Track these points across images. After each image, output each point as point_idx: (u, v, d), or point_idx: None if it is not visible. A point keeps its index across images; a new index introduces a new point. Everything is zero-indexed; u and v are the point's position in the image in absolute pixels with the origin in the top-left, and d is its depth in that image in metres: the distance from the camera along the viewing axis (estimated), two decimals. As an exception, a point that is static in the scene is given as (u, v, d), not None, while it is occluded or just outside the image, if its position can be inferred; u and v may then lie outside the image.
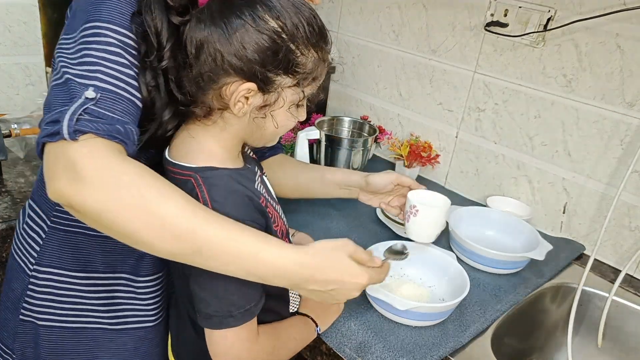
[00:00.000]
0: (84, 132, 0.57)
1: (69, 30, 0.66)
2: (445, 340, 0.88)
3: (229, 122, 0.71)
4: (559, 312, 1.13)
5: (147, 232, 0.59)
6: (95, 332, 0.83)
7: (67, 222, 0.78)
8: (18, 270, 0.82)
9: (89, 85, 0.60)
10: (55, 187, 0.57)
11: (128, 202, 0.58)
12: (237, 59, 0.65)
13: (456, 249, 1.12)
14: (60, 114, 0.58)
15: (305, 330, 0.84)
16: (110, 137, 0.59)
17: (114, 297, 0.83)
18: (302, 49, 0.68)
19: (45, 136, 0.58)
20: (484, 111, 1.35)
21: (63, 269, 0.80)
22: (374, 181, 1.01)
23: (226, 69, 0.66)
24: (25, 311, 0.81)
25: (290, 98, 0.71)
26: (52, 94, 0.62)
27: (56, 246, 0.79)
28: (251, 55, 0.65)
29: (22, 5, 1.46)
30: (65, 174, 0.57)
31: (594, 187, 1.20)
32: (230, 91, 0.67)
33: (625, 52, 1.09)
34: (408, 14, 1.47)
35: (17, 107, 1.50)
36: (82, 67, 0.61)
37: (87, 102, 0.59)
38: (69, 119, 0.57)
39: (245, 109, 0.69)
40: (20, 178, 1.21)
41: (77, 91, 0.60)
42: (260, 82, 0.67)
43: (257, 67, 0.66)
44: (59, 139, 0.57)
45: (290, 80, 0.69)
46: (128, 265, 0.83)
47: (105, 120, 0.59)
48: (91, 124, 0.58)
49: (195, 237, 0.60)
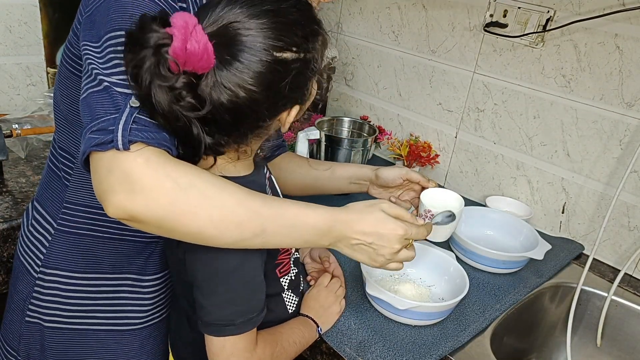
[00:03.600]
0: (136, 142, 0.57)
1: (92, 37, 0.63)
2: (445, 339, 0.88)
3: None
4: (558, 312, 1.14)
5: (213, 227, 0.61)
6: (101, 333, 0.83)
7: (75, 224, 0.79)
8: (24, 272, 0.82)
9: (130, 95, 0.59)
10: (115, 202, 0.57)
11: (191, 203, 0.59)
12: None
13: (456, 249, 1.12)
14: (108, 122, 0.57)
15: (307, 333, 0.84)
16: (159, 144, 0.59)
17: (119, 297, 0.83)
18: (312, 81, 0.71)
19: (94, 145, 0.56)
20: (484, 111, 1.36)
21: (70, 271, 0.80)
22: (384, 175, 1.02)
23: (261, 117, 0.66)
24: (32, 313, 0.81)
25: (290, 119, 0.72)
26: (94, 101, 0.60)
27: (63, 248, 0.79)
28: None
29: (23, 6, 1.46)
30: (122, 187, 0.56)
31: (593, 187, 1.20)
32: (284, 117, 0.69)
33: (624, 53, 1.09)
34: (408, 14, 1.47)
35: (18, 107, 1.50)
36: (118, 77, 0.60)
37: (134, 111, 0.58)
38: (122, 128, 0.56)
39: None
40: (21, 178, 1.21)
41: (119, 100, 0.58)
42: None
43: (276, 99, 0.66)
44: (111, 148, 0.56)
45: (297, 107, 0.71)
46: (135, 266, 0.83)
47: (151, 129, 0.59)
48: (141, 133, 0.57)
49: (257, 221, 0.63)
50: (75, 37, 0.71)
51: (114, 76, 0.60)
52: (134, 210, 0.57)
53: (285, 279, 0.84)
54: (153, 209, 0.57)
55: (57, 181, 0.80)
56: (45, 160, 0.86)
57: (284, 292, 0.84)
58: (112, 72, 0.60)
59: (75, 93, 0.74)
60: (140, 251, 0.83)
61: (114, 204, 0.57)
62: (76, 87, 0.73)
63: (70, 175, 0.78)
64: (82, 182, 0.78)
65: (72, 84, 0.74)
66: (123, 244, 0.81)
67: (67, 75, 0.75)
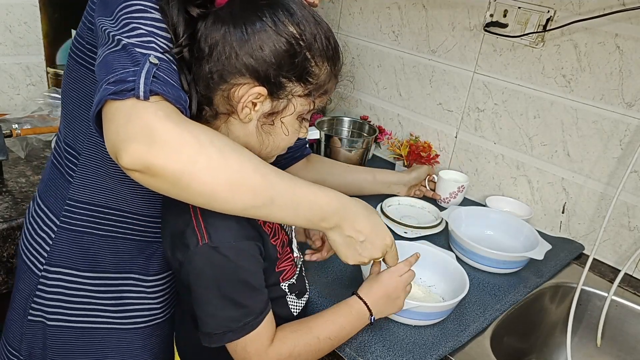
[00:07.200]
0: (157, 93, 0.56)
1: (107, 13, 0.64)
2: (445, 339, 0.88)
3: (233, 129, 0.70)
4: (558, 312, 1.14)
5: (228, 189, 0.60)
6: (104, 332, 0.83)
7: (77, 221, 0.79)
8: (26, 270, 0.82)
9: (149, 54, 0.59)
10: (132, 152, 0.54)
11: (211, 161, 0.58)
12: (253, 59, 0.64)
13: (456, 249, 1.12)
14: (127, 74, 0.56)
15: (354, 323, 0.80)
16: (176, 101, 0.59)
17: (123, 297, 0.83)
18: (317, 60, 0.68)
19: (112, 93, 0.55)
20: (484, 111, 1.36)
21: (73, 269, 0.79)
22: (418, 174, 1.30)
23: (239, 69, 0.65)
24: (34, 311, 0.80)
25: (299, 108, 0.70)
26: (111, 58, 0.59)
27: (66, 246, 0.79)
28: (268, 56, 0.64)
29: (22, 5, 1.46)
30: (142, 137, 0.54)
31: (593, 187, 1.20)
32: (239, 94, 0.66)
33: (624, 53, 1.09)
34: (408, 14, 1.47)
35: (18, 107, 1.50)
36: (137, 39, 0.60)
37: (153, 67, 0.57)
38: (145, 77, 0.55)
39: (251, 115, 0.68)
40: (21, 178, 1.21)
41: (139, 56, 0.58)
42: (272, 86, 0.66)
43: (272, 69, 0.65)
44: (131, 96, 0.55)
45: (301, 89, 0.69)
46: (137, 265, 0.83)
47: (169, 86, 0.58)
48: (162, 87, 0.57)
49: (269, 190, 0.63)
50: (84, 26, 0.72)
51: (132, 38, 0.60)
52: (153, 162, 0.55)
53: (285, 284, 0.83)
54: (173, 162, 0.56)
55: (60, 178, 0.80)
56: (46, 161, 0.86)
57: (287, 296, 0.83)
58: (131, 35, 0.60)
59: (82, 86, 0.74)
60: (142, 250, 0.83)
61: (132, 154, 0.54)
62: (83, 80, 0.74)
63: (74, 172, 0.78)
64: (85, 179, 0.77)
65: (79, 77, 0.74)
66: (125, 242, 0.81)
67: (75, 67, 0.75)
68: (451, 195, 1.31)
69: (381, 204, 1.24)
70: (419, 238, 1.14)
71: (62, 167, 0.80)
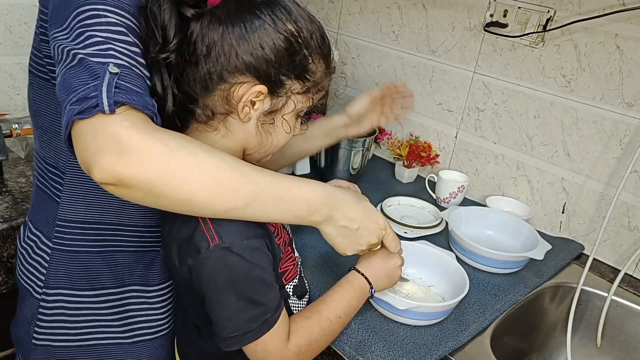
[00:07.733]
0: (122, 104, 0.55)
1: (58, 25, 0.61)
2: (445, 339, 0.88)
3: (232, 128, 0.70)
4: (558, 312, 1.14)
5: (204, 192, 0.58)
6: (111, 347, 0.81)
7: (70, 241, 0.77)
8: (26, 294, 0.80)
9: (108, 63, 0.56)
10: (102, 165, 0.53)
11: (183, 166, 0.57)
12: (253, 57, 0.64)
13: (456, 249, 1.12)
14: (89, 90, 0.54)
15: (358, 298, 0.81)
16: (144, 108, 0.57)
17: (126, 310, 0.81)
18: (314, 57, 0.68)
19: (77, 114, 0.53)
20: (484, 111, 1.36)
21: (72, 289, 0.78)
22: (354, 108, 1.05)
23: (239, 68, 0.64)
24: (38, 335, 0.79)
25: (298, 105, 0.70)
26: (69, 76, 0.57)
27: (62, 267, 0.77)
28: (268, 54, 0.64)
29: (22, 5, 1.46)
30: (110, 149, 0.53)
31: (593, 187, 1.20)
32: (239, 93, 0.65)
33: (624, 53, 1.09)
34: (408, 14, 1.47)
35: (18, 107, 1.50)
36: (92, 48, 0.57)
37: (114, 77, 0.55)
38: (107, 90, 0.54)
39: (251, 114, 0.68)
40: (21, 178, 1.21)
41: (97, 69, 0.56)
42: (272, 84, 0.66)
43: (272, 67, 0.65)
44: (96, 113, 0.53)
45: (299, 86, 0.69)
46: (137, 276, 0.82)
47: (133, 93, 0.56)
48: (125, 96, 0.55)
49: (250, 187, 0.61)
50: (38, 38, 0.69)
51: (87, 48, 0.57)
52: (124, 173, 0.54)
53: (289, 285, 0.83)
54: (144, 171, 0.54)
55: (48, 199, 0.77)
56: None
57: (290, 299, 0.83)
58: (85, 44, 0.57)
59: (47, 100, 0.72)
60: (139, 260, 0.81)
61: (102, 167, 0.53)
62: (51, 96, 0.71)
63: (60, 192, 0.75)
64: (73, 197, 0.75)
65: (46, 93, 0.71)
66: (121, 255, 0.79)
67: (40, 84, 0.72)
68: (451, 195, 1.31)
69: (381, 204, 1.24)
70: (419, 238, 1.14)
71: (48, 189, 0.77)
